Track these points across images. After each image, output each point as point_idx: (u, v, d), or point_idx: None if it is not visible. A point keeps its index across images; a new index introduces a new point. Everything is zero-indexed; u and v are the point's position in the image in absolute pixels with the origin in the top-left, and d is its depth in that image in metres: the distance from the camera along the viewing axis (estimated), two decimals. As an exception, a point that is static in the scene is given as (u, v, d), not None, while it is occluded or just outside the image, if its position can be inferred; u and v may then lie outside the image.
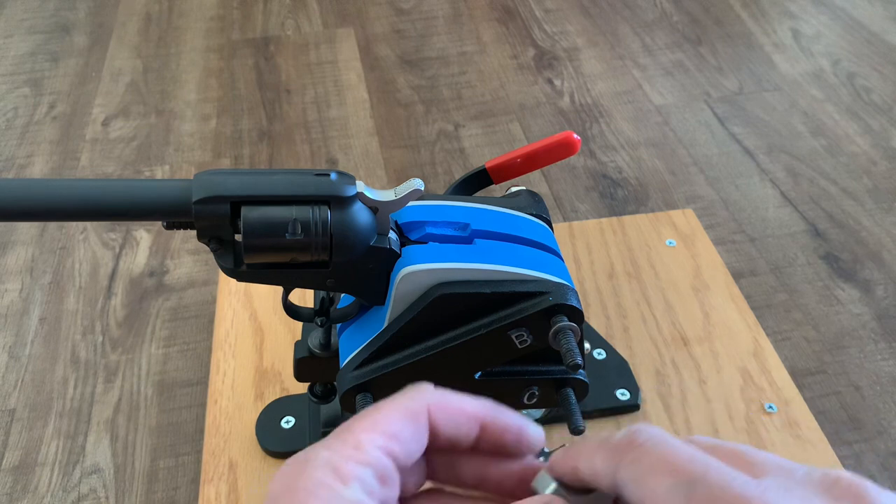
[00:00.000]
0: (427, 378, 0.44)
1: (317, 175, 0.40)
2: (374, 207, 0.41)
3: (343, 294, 0.48)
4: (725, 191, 1.43)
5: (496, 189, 1.10)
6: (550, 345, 0.43)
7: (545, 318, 0.42)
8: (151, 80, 1.72)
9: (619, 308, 0.71)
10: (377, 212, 0.41)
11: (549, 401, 0.47)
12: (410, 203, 0.43)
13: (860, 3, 1.93)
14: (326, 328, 0.51)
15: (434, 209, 0.46)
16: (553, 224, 0.50)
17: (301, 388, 0.62)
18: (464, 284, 0.42)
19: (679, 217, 0.79)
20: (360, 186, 0.41)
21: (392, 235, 0.43)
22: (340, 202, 0.40)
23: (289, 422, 0.60)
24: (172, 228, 0.40)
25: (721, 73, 1.72)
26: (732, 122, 1.58)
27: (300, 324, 0.64)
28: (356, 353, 0.44)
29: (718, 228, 1.36)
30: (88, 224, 1.36)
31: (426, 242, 0.44)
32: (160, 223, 0.40)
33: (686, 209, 0.81)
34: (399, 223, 0.45)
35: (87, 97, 1.67)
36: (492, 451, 0.31)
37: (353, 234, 0.40)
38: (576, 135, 0.51)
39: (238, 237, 0.40)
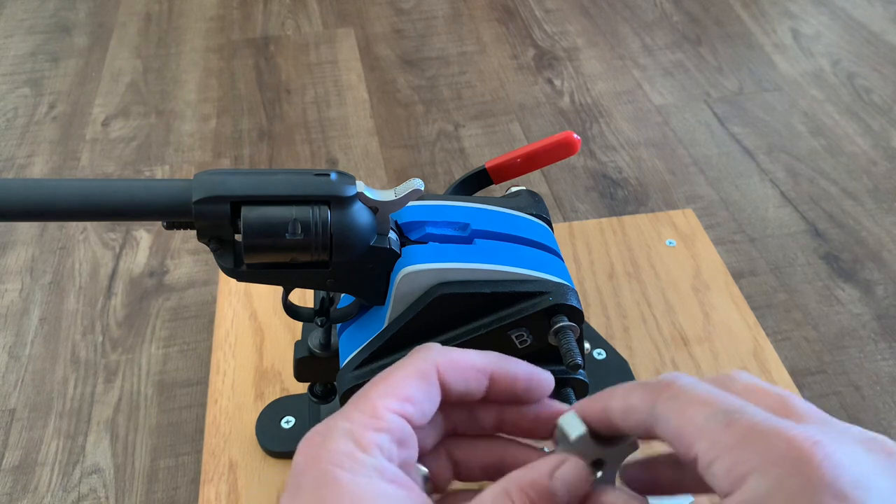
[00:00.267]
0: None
1: (317, 175, 0.40)
2: (374, 207, 0.41)
3: (343, 294, 0.48)
4: (725, 191, 1.43)
5: (496, 189, 1.10)
6: (550, 344, 0.43)
7: (545, 318, 0.42)
8: (151, 80, 1.72)
9: (619, 308, 0.71)
10: (377, 212, 0.41)
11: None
12: (410, 203, 0.43)
13: (860, 3, 1.93)
14: (326, 328, 0.51)
15: (434, 209, 0.46)
16: (553, 224, 0.50)
17: (301, 388, 0.62)
18: (464, 284, 0.42)
19: (679, 217, 0.79)
20: (360, 186, 0.41)
21: (392, 235, 0.43)
22: (340, 202, 0.40)
23: (289, 422, 0.60)
24: (172, 228, 0.40)
25: (721, 73, 1.72)
26: (732, 122, 1.58)
27: (300, 324, 0.64)
28: (356, 353, 0.44)
29: (718, 228, 1.36)
30: (88, 224, 1.36)
31: (426, 242, 0.44)
32: (160, 223, 0.40)
33: (686, 209, 0.82)
34: (399, 223, 0.45)
35: (87, 97, 1.67)
36: (505, 400, 0.32)
37: (353, 234, 0.40)
38: (576, 135, 0.51)
39: (238, 237, 0.40)
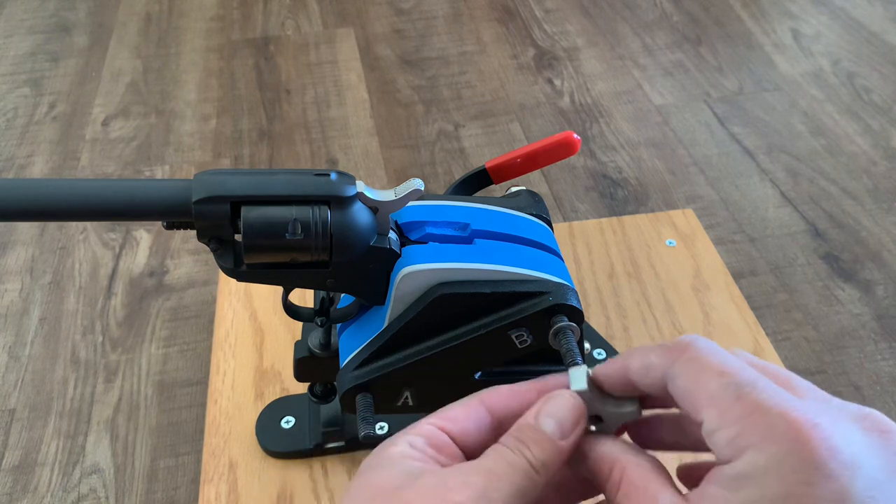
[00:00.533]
0: (427, 377, 0.44)
1: (317, 175, 0.40)
2: (374, 207, 0.41)
3: (343, 294, 0.48)
4: (725, 191, 1.43)
5: (496, 189, 1.10)
6: (550, 345, 0.43)
7: (545, 318, 0.42)
8: (151, 80, 1.72)
9: (619, 308, 0.71)
10: (377, 212, 0.41)
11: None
12: (410, 203, 0.43)
13: (860, 3, 1.93)
14: (326, 328, 0.51)
15: (434, 209, 0.46)
16: (553, 224, 0.50)
17: (301, 388, 0.62)
18: (464, 284, 0.42)
19: (679, 217, 0.79)
20: (360, 186, 0.41)
21: (392, 235, 0.43)
22: (340, 202, 0.40)
23: (289, 422, 0.60)
24: (172, 228, 0.40)
25: (721, 73, 1.72)
26: (732, 122, 1.58)
27: (300, 324, 0.64)
28: (356, 353, 0.44)
29: (718, 228, 1.36)
30: (88, 224, 1.36)
31: (426, 242, 0.44)
32: (160, 223, 0.40)
33: (686, 209, 0.82)
34: (399, 223, 0.45)
35: (87, 97, 1.67)
36: None
37: (353, 234, 0.40)
38: (576, 135, 0.51)
39: (238, 237, 0.40)
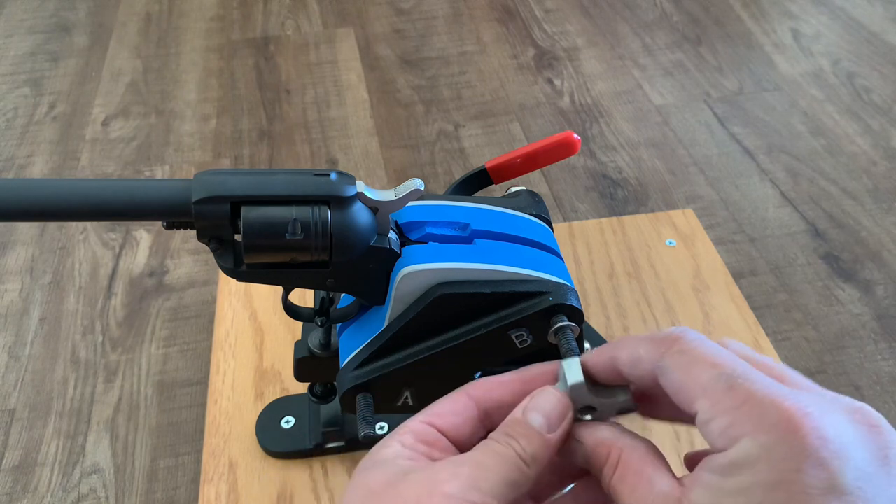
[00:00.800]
0: (427, 377, 0.44)
1: (317, 175, 0.40)
2: (374, 207, 0.41)
3: (343, 294, 0.48)
4: (725, 191, 1.43)
5: (496, 189, 1.10)
6: (550, 344, 0.43)
7: (545, 318, 0.42)
8: (151, 80, 1.72)
9: (619, 308, 0.71)
10: (377, 212, 0.41)
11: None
12: (410, 203, 0.43)
13: (860, 3, 1.93)
14: (326, 328, 0.51)
15: (434, 209, 0.46)
16: (553, 224, 0.50)
17: (301, 388, 0.62)
18: (464, 284, 0.42)
19: (679, 217, 0.79)
20: (360, 186, 0.41)
21: (392, 235, 0.43)
22: (340, 202, 0.40)
23: (289, 422, 0.60)
24: (172, 228, 0.40)
25: (721, 73, 1.72)
26: (732, 122, 1.58)
27: (300, 324, 0.64)
28: (356, 353, 0.44)
29: (718, 228, 1.36)
30: (88, 224, 1.36)
31: (426, 242, 0.44)
32: (160, 223, 0.40)
33: (686, 209, 0.82)
34: (399, 223, 0.44)
35: (87, 97, 1.67)
36: None
37: (353, 234, 0.40)
38: (576, 135, 0.51)
39: (238, 237, 0.40)
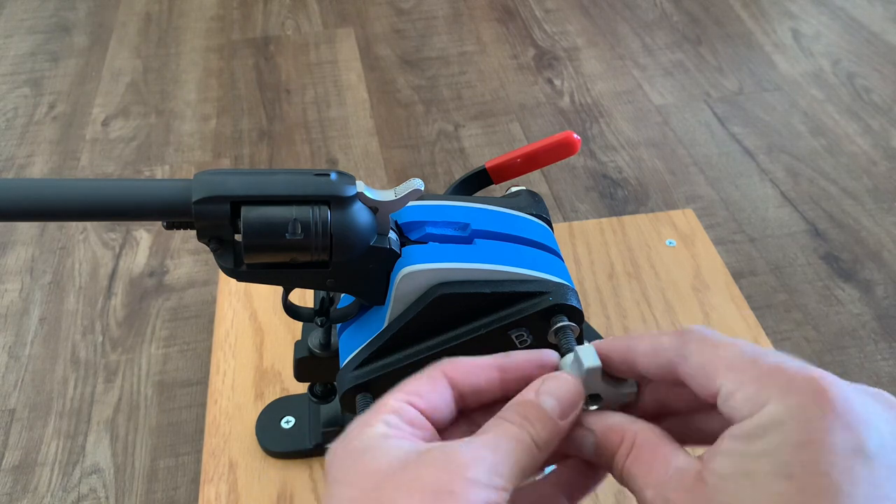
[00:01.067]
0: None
1: (317, 175, 0.40)
2: (374, 207, 0.41)
3: (343, 294, 0.48)
4: (725, 191, 1.43)
5: (496, 189, 1.10)
6: (550, 344, 0.43)
7: (545, 318, 0.42)
8: (151, 80, 1.72)
9: (619, 308, 0.71)
10: (377, 212, 0.41)
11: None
12: (410, 203, 0.43)
13: (860, 3, 1.93)
14: (326, 328, 0.51)
15: (434, 209, 0.46)
16: (553, 224, 0.50)
17: (301, 388, 0.62)
18: (464, 284, 0.42)
19: (679, 217, 0.79)
20: (360, 186, 0.41)
21: (392, 235, 0.43)
22: (340, 202, 0.40)
23: (289, 422, 0.60)
24: (172, 228, 0.40)
25: (721, 73, 1.72)
26: (732, 122, 1.58)
27: (300, 324, 0.64)
28: (356, 353, 0.44)
29: (718, 228, 1.36)
30: (88, 224, 1.36)
31: (426, 242, 0.44)
32: (160, 223, 0.40)
33: (686, 209, 0.82)
34: (399, 223, 0.44)
35: (87, 97, 1.67)
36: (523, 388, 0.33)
37: (353, 234, 0.40)
38: (576, 135, 0.51)
39: (238, 237, 0.40)
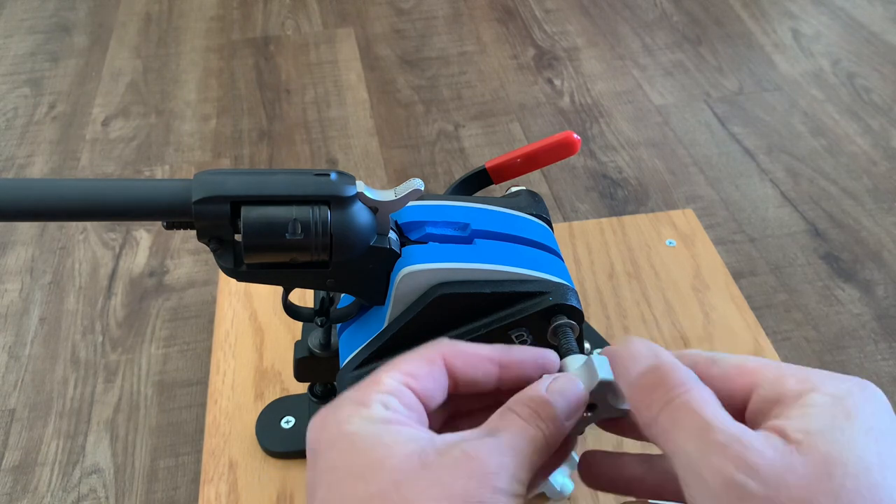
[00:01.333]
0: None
1: (317, 175, 0.40)
2: (374, 207, 0.41)
3: (343, 294, 0.48)
4: (725, 191, 1.43)
5: (496, 189, 1.10)
6: (550, 344, 0.43)
7: (545, 318, 0.42)
8: (151, 80, 1.72)
9: (619, 308, 0.71)
10: (377, 212, 0.41)
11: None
12: (410, 203, 0.43)
13: (860, 3, 1.93)
14: (326, 328, 0.51)
15: (434, 209, 0.46)
16: (553, 224, 0.50)
17: (301, 388, 0.62)
18: (464, 284, 0.42)
19: (679, 217, 0.79)
20: (360, 186, 0.41)
21: (392, 235, 0.42)
22: (340, 202, 0.40)
23: (289, 422, 0.60)
24: (172, 228, 0.40)
25: (721, 73, 1.72)
26: (732, 122, 1.58)
27: (300, 324, 0.64)
28: (356, 353, 0.44)
29: (718, 228, 1.36)
30: (88, 224, 1.36)
31: (426, 242, 0.44)
32: (160, 223, 0.40)
33: (686, 209, 0.81)
34: (399, 223, 0.44)
35: (87, 97, 1.67)
36: (520, 385, 0.32)
37: (353, 234, 0.40)
38: (576, 135, 0.51)
39: (238, 237, 0.40)
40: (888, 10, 1.90)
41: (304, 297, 0.69)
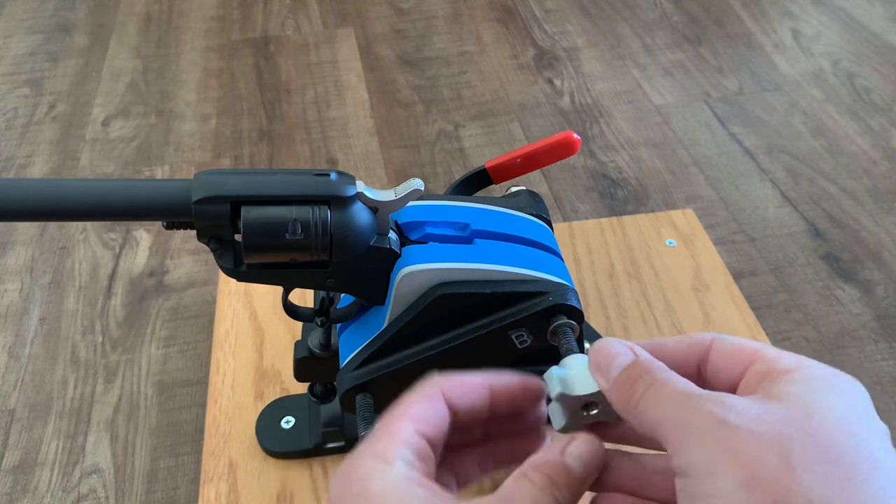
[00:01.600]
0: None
1: (317, 175, 0.40)
2: (374, 207, 0.41)
3: (343, 294, 0.48)
4: (725, 191, 1.43)
5: (496, 189, 1.10)
6: (550, 344, 0.43)
7: (545, 318, 0.42)
8: (151, 80, 1.72)
9: (619, 308, 0.71)
10: (377, 212, 0.41)
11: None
12: (410, 203, 0.43)
13: (860, 3, 1.93)
14: (326, 328, 0.51)
15: (434, 209, 0.46)
16: (553, 224, 0.50)
17: (301, 388, 0.62)
18: (464, 284, 0.42)
19: (679, 217, 0.79)
20: (360, 186, 0.41)
21: (392, 235, 0.43)
22: (340, 202, 0.40)
23: (289, 422, 0.60)
24: (172, 228, 0.40)
25: (721, 73, 1.72)
26: (732, 122, 1.58)
27: (300, 324, 0.64)
28: (356, 353, 0.44)
29: (718, 228, 1.36)
30: (88, 224, 1.36)
31: (426, 242, 0.44)
32: (160, 223, 0.40)
33: (686, 209, 0.81)
34: (399, 223, 0.44)
35: (87, 97, 1.67)
36: (508, 410, 0.34)
37: (353, 234, 0.40)
38: (576, 135, 0.51)
39: (238, 237, 0.40)
40: (888, 10, 1.90)
41: (304, 297, 0.69)
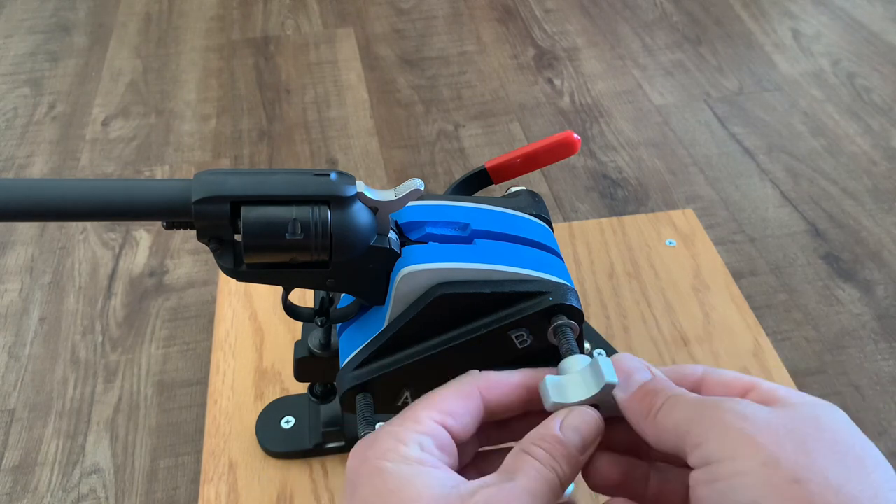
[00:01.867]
0: (427, 378, 0.44)
1: (317, 175, 0.40)
2: (374, 207, 0.41)
3: (343, 294, 0.48)
4: (725, 191, 1.43)
5: (496, 189, 1.10)
6: (550, 344, 0.43)
7: (545, 318, 0.42)
8: (151, 80, 1.72)
9: (619, 308, 0.71)
10: (377, 212, 0.41)
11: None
12: (410, 203, 0.43)
13: (860, 3, 1.93)
14: (326, 328, 0.51)
15: (434, 209, 0.46)
16: (553, 224, 0.50)
17: (301, 388, 0.62)
18: (464, 284, 0.42)
19: (679, 217, 0.79)
20: (360, 186, 0.41)
21: (392, 235, 0.42)
22: (340, 202, 0.40)
23: (289, 422, 0.60)
24: (172, 228, 0.40)
25: (721, 73, 1.72)
26: (732, 122, 1.58)
27: (300, 324, 0.64)
28: (356, 353, 0.44)
29: (718, 228, 1.36)
30: (88, 224, 1.36)
31: (426, 242, 0.44)
32: (160, 223, 0.40)
33: (686, 209, 0.81)
34: (399, 223, 0.44)
35: (87, 97, 1.67)
36: (540, 410, 0.34)
37: (353, 234, 0.40)
38: (576, 134, 0.51)
39: (238, 237, 0.40)
40: (888, 10, 1.90)
41: (304, 297, 0.69)
